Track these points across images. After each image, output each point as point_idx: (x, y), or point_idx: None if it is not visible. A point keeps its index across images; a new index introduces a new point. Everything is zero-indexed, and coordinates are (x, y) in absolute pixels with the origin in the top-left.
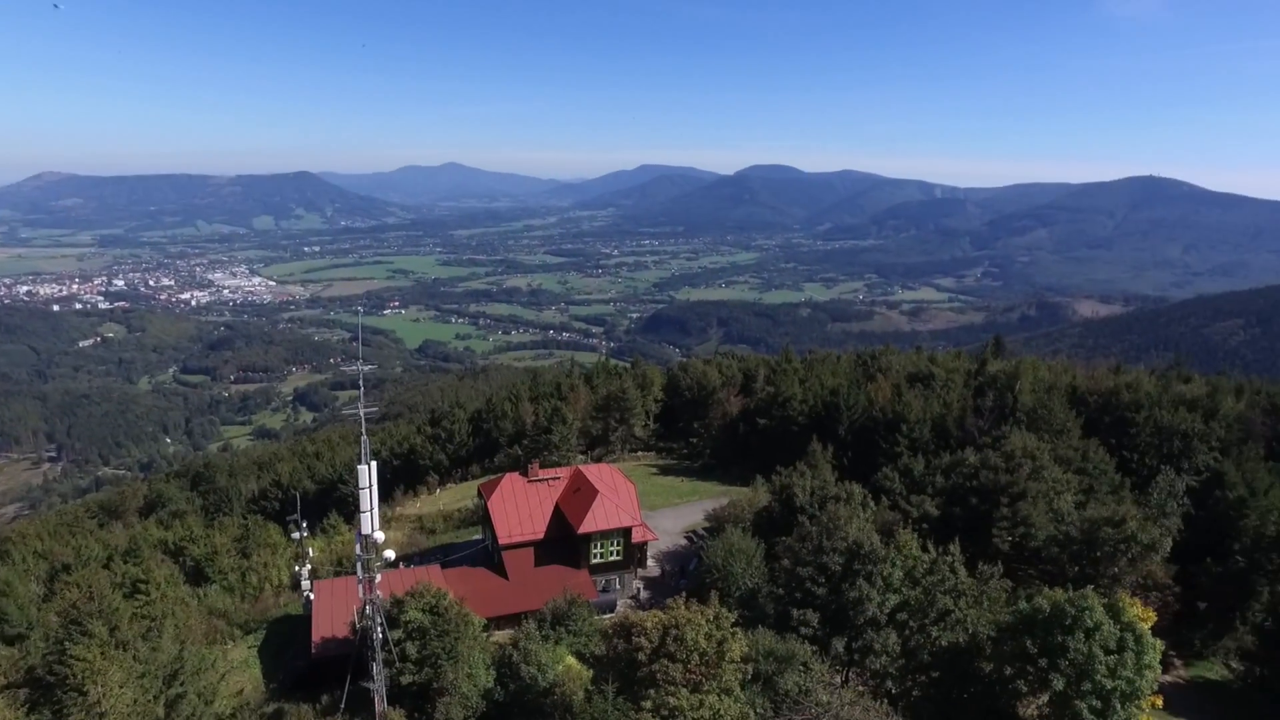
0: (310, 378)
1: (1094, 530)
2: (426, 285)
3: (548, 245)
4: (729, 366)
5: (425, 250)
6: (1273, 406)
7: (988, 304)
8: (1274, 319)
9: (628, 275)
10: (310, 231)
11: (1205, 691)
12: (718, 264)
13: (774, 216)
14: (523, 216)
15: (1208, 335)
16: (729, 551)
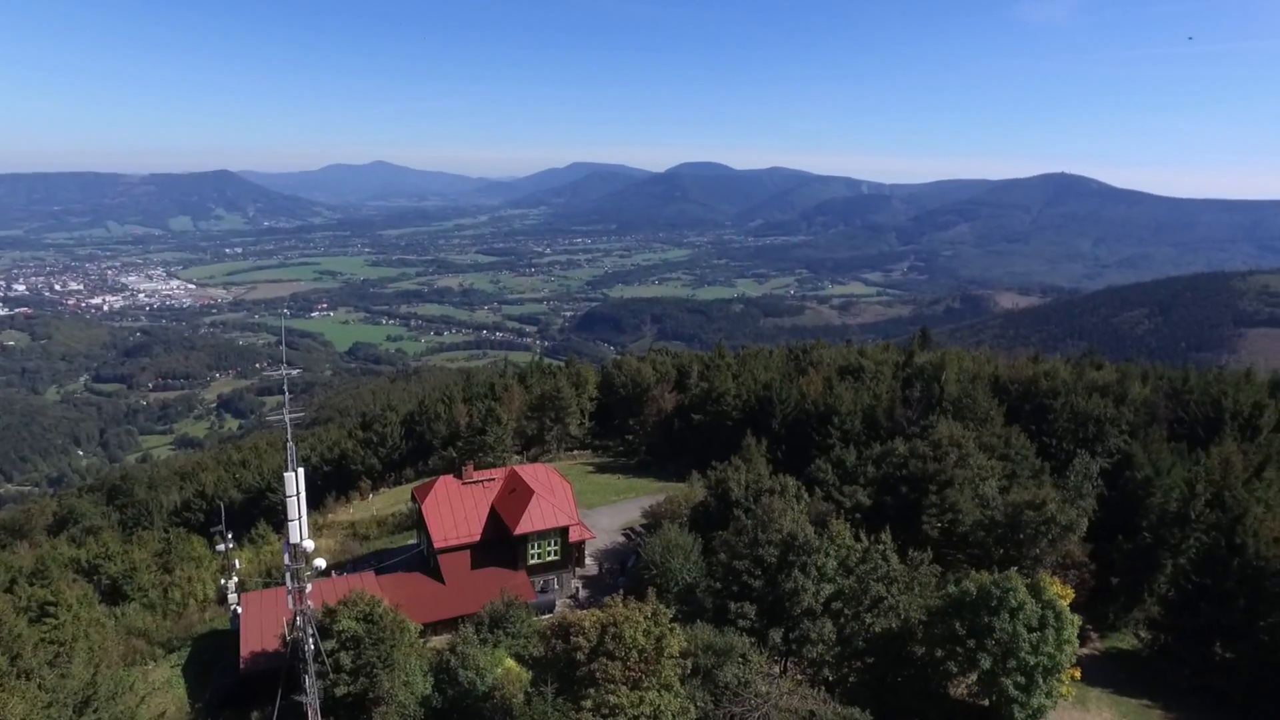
0: (235, 383)
1: (1017, 514)
2: (355, 286)
3: (479, 244)
4: (663, 363)
5: (354, 251)
6: (1174, 391)
7: (914, 297)
8: (1174, 308)
9: (561, 274)
10: (232, 232)
11: (1118, 661)
12: (650, 261)
13: (705, 213)
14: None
15: (1117, 324)
16: (666, 547)
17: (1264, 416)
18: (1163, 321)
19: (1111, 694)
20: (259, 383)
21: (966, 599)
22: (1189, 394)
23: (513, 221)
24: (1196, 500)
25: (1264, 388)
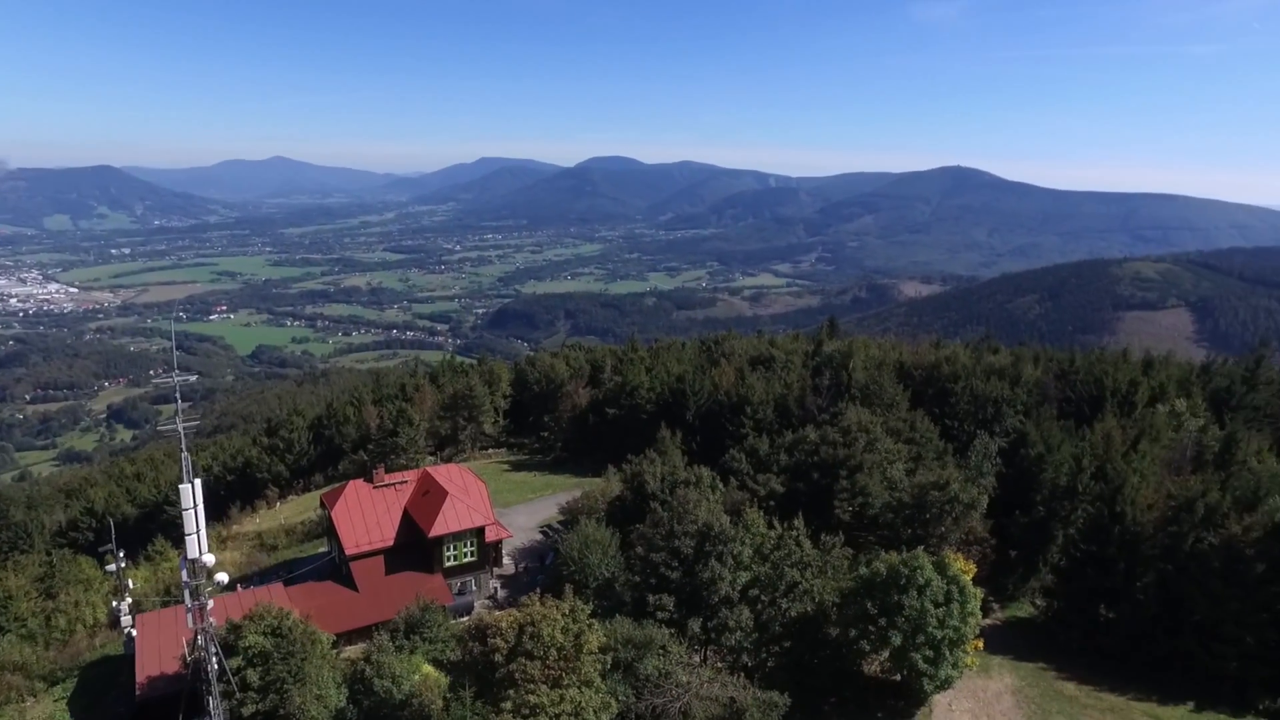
0: (126, 392)
1: (923, 494)
2: (257, 287)
3: (386, 242)
4: (576, 358)
5: (254, 250)
6: (1062, 372)
7: (822, 287)
8: (1061, 294)
9: (471, 270)
10: (117, 231)
11: (1017, 629)
12: (562, 256)
13: (616, 208)
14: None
15: (1011, 310)
16: (584, 543)
17: (1138, 393)
18: (1052, 306)
19: (1012, 660)
20: (153, 390)
21: (877, 579)
22: (1075, 374)
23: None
24: (1083, 474)
25: (1138, 367)
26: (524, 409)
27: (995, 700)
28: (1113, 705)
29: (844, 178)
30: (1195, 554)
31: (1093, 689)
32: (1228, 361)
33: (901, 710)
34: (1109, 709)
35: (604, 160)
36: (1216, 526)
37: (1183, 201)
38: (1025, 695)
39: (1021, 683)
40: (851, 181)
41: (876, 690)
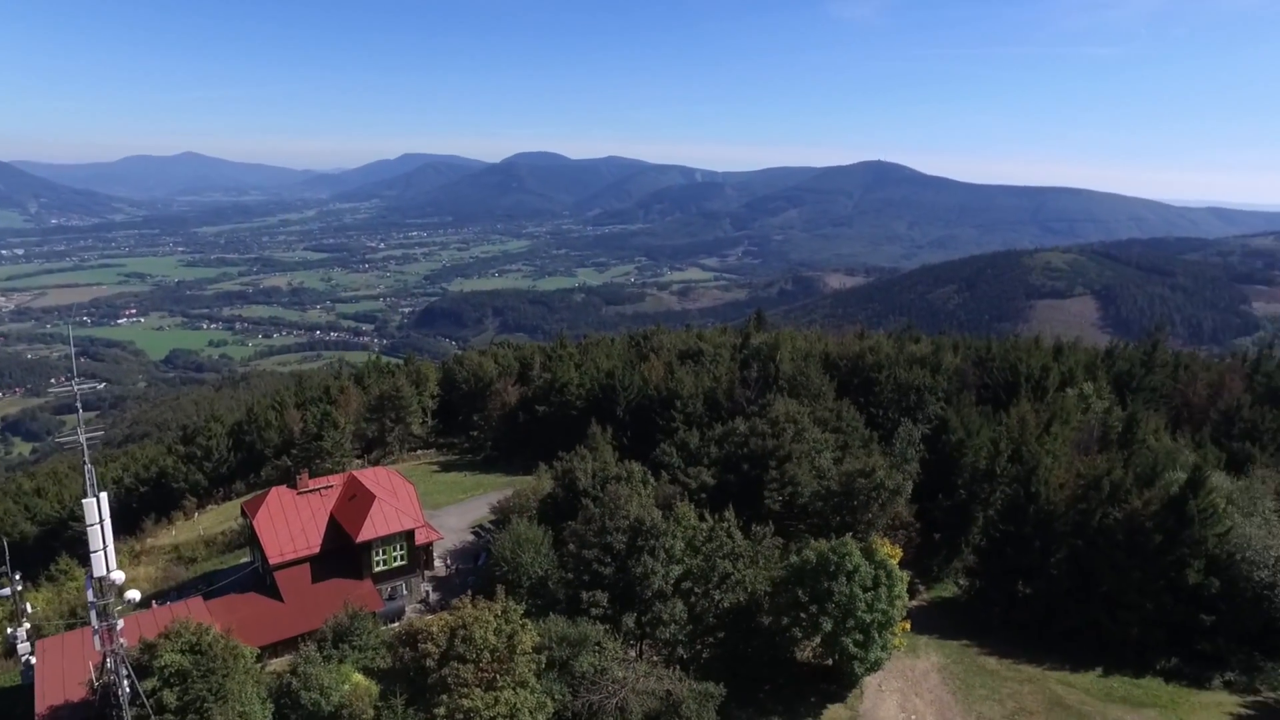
0: (24, 402)
1: (850, 482)
2: (169, 289)
3: (307, 240)
4: (505, 356)
5: (165, 250)
6: (979, 359)
7: (749, 281)
8: (978, 284)
9: (397, 269)
10: (9, 230)
11: (942, 609)
12: (489, 253)
13: (543, 204)
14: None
15: (931, 300)
16: (516, 542)
17: (1050, 378)
18: (969, 296)
19: (938, 639)
20: (55, 400)
21: (807, 567)
22: (992, 361)
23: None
24: (1000, 457)
25: (1049, 353)
26: (453, 409)
27: (923, 679)
28: (1030, 676)
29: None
30: (1102, 529)
31: (1012, 662)
32: (1128, 346)
33: (834, 694)
34: (1026, 680)
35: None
36: (1120, 502)
37: (1086, 195)
38: (950, 672)
39: (947, 660)
40: (776, 176)
41: (809, 675)
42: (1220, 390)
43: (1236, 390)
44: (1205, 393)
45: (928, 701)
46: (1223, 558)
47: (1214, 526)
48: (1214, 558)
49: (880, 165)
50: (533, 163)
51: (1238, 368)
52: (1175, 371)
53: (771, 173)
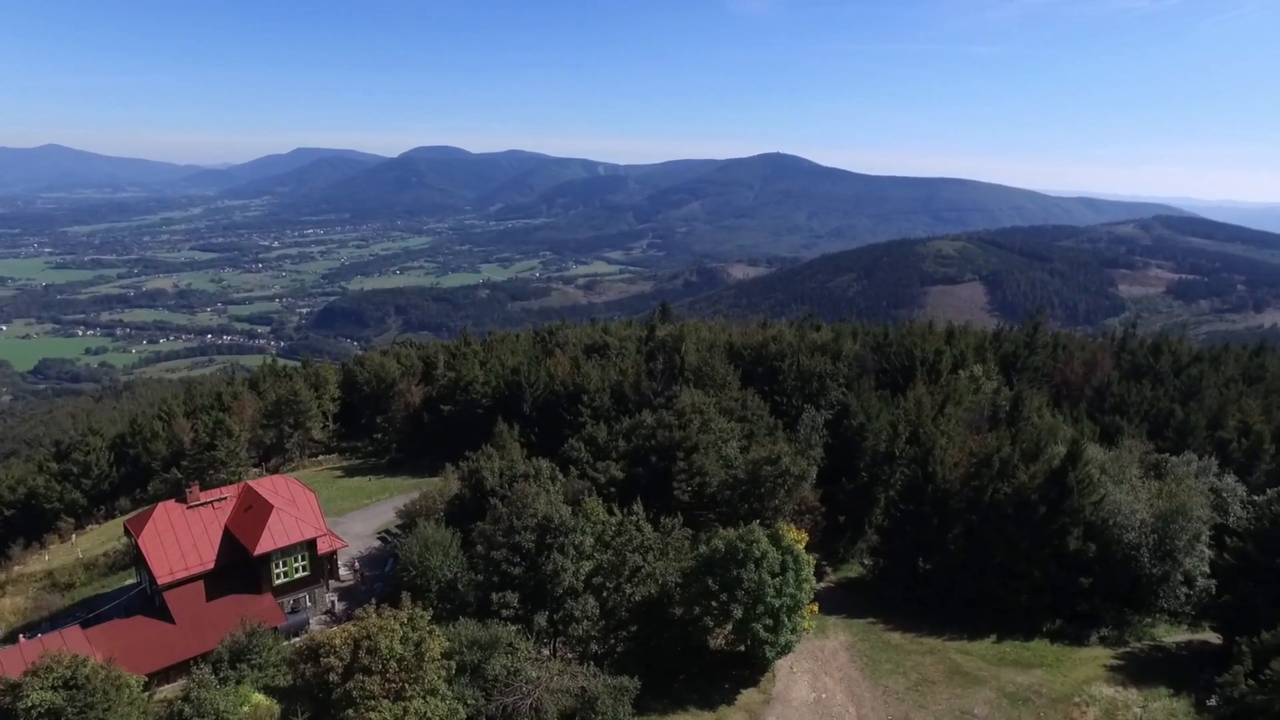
0: None
1: (757, 470)
2: (36, 294)
3: (194, 240)
4: (408, 356)
5: (29, 251)
6: (877, 345)
7: (655, 273)
8: (875, 271)
9: (293, 268)
10: None
11: (849, 589)
12: (390, 250)
13: (444, 199)
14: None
15: (832, 288)
16: (424, 546)
17: (943, 361)
18: (868, 284)
19: (845, 618)
20: None
21: (716, 556)
22: (889, 347)
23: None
24: (899, 439)
25: (942, 337)
26: (355, 411)
27: (832, 658)
28: (932, 648)
29: (671, 165)
30: (993, 503)
31: (915, 635)
32: (1013, 329)
33: (747, 678)
34: (928, 651)
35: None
36: (1009, 477)
37: (973, 186)
38: (858, 650)
39: (854, 638)
40: (678, 169)
41: (723, 662)
42: (1093, 368)
43: (1107, 368)
44: (1081, 371)
45: (837, 679)
46: (1098, 524)
47: (1090, 495)
48: (1090, 524)
49: (779, 157)
50: (432, 157)
51: (1108, 346)
52: (1055, 352)
53: (674, 165)
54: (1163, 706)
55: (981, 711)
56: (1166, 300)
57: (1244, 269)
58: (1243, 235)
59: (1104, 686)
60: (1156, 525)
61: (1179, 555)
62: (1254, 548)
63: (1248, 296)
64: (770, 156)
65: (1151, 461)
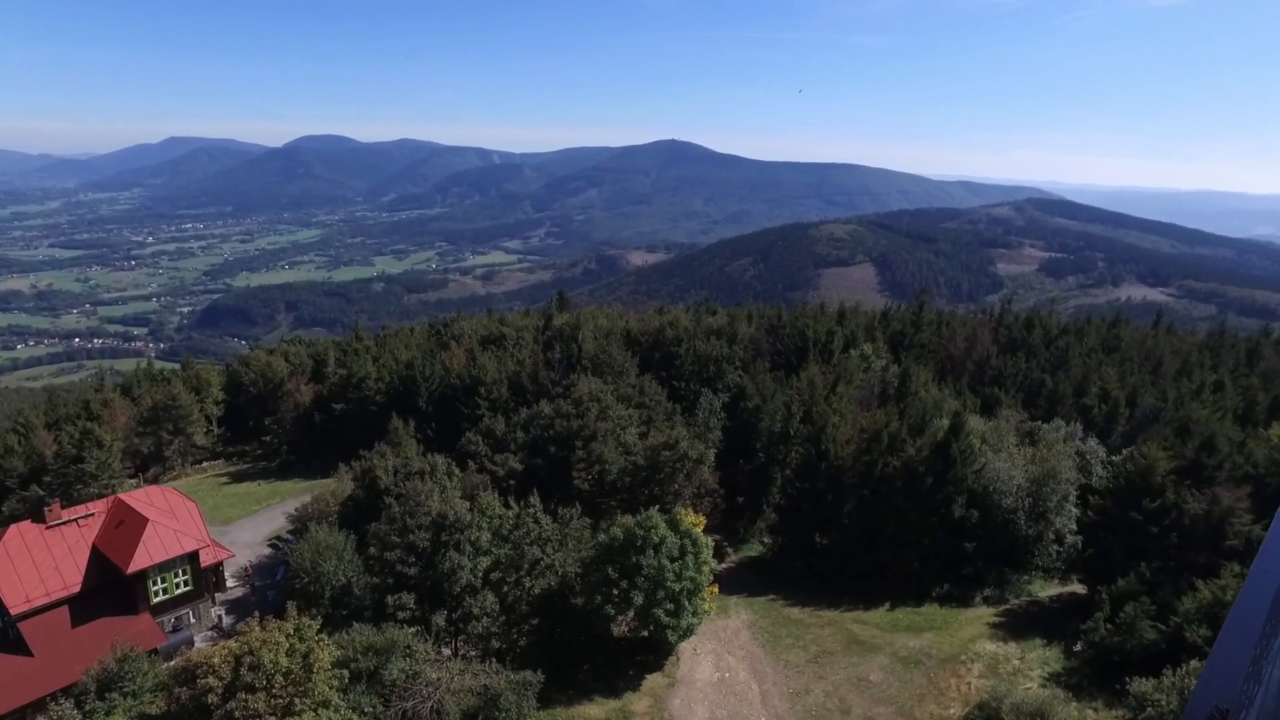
0: None
1: (655, 455)
2: None
3: (54, 236)
4: (297, 354)
5: None
6: (772, 327)
7: (553, 262)
8: (771, 255)
9: (170, 265)
10: None
11: (750, 567)
12: (277, 244)
13: (334, 190)
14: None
15: (729, 272)
16: (316, 550)
17: (835, 341)
18: (764, 267)
19: (747, 597)
20: None
21: (615, 544)
22: (783, 329)
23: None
24: (793, 419)
25: (833, 318)
26: (241, 414)
27: (734, 636)
28: (830, 620)
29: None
30: (884, 477)
31: (814, 609)
32: (900, 308)
33: (652, 663)
34: (827, 623)
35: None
36: (898, 451)
37: (861, 170)
38: (759, 627)
39: (756, 616)
40: (574, 156)
41: (628, 649)
42: (974, 343)
43: (986, 342)
44: (963, 346)
45: (740, 658)
46: (979, 491)
47: (972, 465)
48: (973, 492)
49: (675, 144)
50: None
51: (986, 322)
52: (939, 329)
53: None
54: (1037, 656)
55: (877, 677)
56: (1039, 277)
57: (1104, 247)
58: (1101, 216)
59: (987, 643)
60: (1031, 489)
61: (1051, 516)
62: (1112, 504)
63: (1107, 272)
64: (666, 143)
65: (1026, 429)
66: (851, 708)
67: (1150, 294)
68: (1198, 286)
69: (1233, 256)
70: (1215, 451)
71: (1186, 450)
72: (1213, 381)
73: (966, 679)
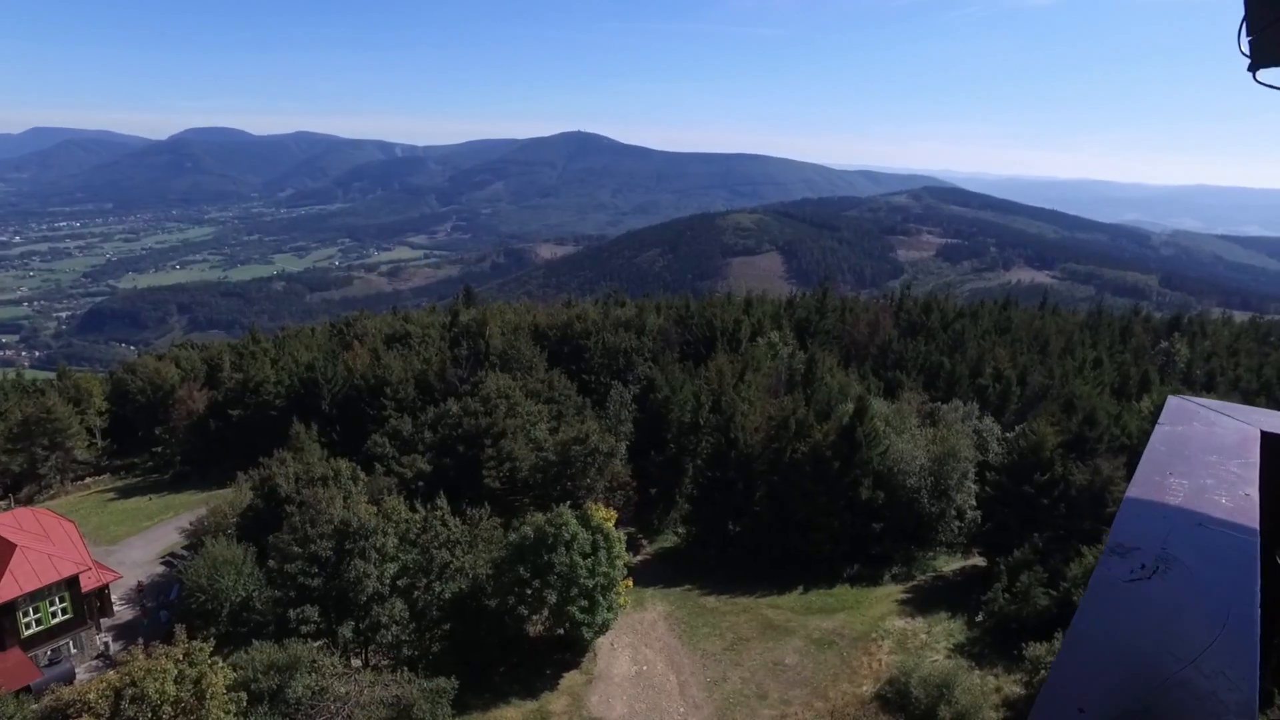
0: None
1: (566, 450)
2: None
3: None
4: (189, 358)
5: None
6: (680, 317)
7: (461, 256)
8: (680, 245)
9: (44, 266)
10: None
11: (665, 559)
12: (166, 243)
13: (226, 185)
14: None
15: (639, 263)
16: (213, 566)
17: (742, 330)
18: (673, 258)
19: (662, 589)
20: None
21: (526, 543)
22: (691, 319)
23: None
24: (703, 408)
25: (740, 307)
26: (129, 425)
27: (651, 629)
28: (745, 606)
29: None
30: (792, 463)
31: (729, 597)
32: (806, 295)
33: (569, 661)
34: (742, 610)
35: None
36: (805, 437)
37: (765, 160)
38: (676, 618)
39: (672, 607)
40: (479, 149)
41: (544, 648)
42: (877, 328)
43: (888, 327)
44: (866, 331)
45: (657, 650)
46: (884, 473)
47: (876, 447)
48: (878, 474)
49: (581, 135)
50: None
51: (888, 307)
52: (843, 315)
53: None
54: (943, 629)
55: (792, 660)
56: (937, 262)
57: (994, 233)
58: (992, 204)
59: (896, 620)
60: (933, 468)
61: (952, 493)
62: (1007, 479)
63: (998, 257)
64: (573, 135)
65: (927, 410)
66: (768, 692)
67: (1038, 277)
68: (1079, 269)
69: (1107, 240)
70: (1096, 425)
71: (1071, 425)
72: (1093, 359)
73: (878, 656)
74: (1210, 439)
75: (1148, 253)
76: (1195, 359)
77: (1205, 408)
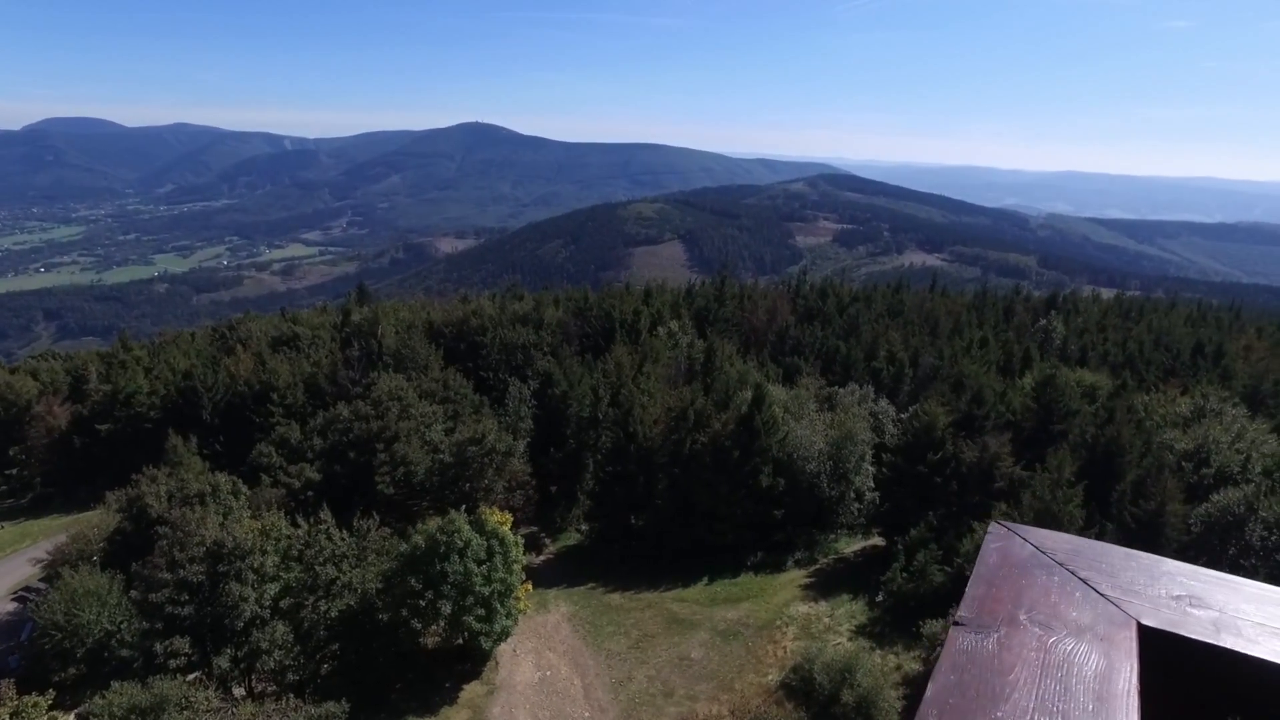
0: None
1: (463, 451)
2: None
3: None
4: (50, 370)
5: None
6: (579, 310)
7: (358, 252)
8: (582, 236)
9: None
10: None
11: (568, 558)
12: (27, 244)
13: (96, 180)
14: None
15: (541, 255)
16: (72, 599)
17: (641, 321)
18: (576, 249)
19: (566, 588)
20: None
21: (418, 553)
22: (590, 311)
23: None
24: (601, 402)
25: (639, 297)
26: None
27: (555, 632)
28: (650, 602)
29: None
30: (693, 454)
31: (634, 593)
32: (705, 283)
33: (469, 672)
34: (647, 606)
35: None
36: (705, 427)
37: (665, 150)
38: (580, 618)
39: (576, 608)
40: (374, 141)
41: (442, 660)
42: (775, 314)
43: (785, 313)
44: (764, 318)
45: (561, 654)
46: (784, 459)
47: (775, 434)
48: (778, 461)
49: (479, 126)
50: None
51: (785, 293)
52: (741, 302)
53: (369, 138)
54: (845, 611)
55: (698, 654)
56: (834, 248)
57: (887, 218)
58: (885, 190)
59: (800, 605)
60: (831, 452)
61: (850, 476)
62: (902, 459)
63: (892, 241)
64: (470, 126)
65: (825, 395)
66: (674, 689)
67: (929, 260)
68: (965, 252)
69: (990, 224)
70: (983, 403)
71: (960, 404)
72: (979, 339)
73: (782, 643)
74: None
75: (1026, 235)
76: (1070, 335)
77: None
